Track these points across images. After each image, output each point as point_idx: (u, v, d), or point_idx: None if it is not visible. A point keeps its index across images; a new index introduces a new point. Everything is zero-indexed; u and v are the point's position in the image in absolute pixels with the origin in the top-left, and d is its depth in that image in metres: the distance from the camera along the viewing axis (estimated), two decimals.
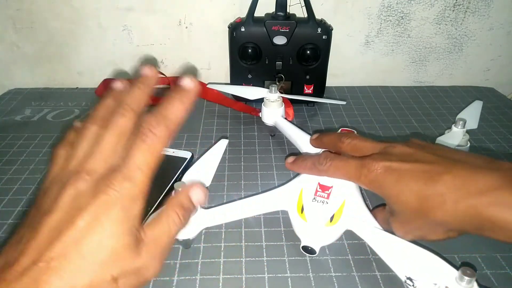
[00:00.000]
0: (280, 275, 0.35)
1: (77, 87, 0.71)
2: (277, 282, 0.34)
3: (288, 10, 0.59)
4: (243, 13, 0.59)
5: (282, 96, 0.55)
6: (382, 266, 0.36)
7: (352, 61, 0.72)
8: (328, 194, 0.37)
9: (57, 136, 0.56)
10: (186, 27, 0.68)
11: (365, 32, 0.70)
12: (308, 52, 0.59)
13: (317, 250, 0.35)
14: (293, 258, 0.37)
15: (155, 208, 0.41)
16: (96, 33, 0.68)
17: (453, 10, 0.68)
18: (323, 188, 0.37)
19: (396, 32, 0.70)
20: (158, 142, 0.25)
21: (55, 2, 0.65)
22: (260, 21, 0.58)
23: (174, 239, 0.27)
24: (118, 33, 0.68)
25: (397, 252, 0.32)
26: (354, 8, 0.67)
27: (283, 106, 0.54)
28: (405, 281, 0.30)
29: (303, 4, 0.58)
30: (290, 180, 0.43)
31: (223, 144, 0.46)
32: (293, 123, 0.52)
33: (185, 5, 0.66)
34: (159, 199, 0.42)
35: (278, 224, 0.41)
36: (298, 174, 0.41)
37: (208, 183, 0.41)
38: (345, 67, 0.73)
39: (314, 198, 0.37)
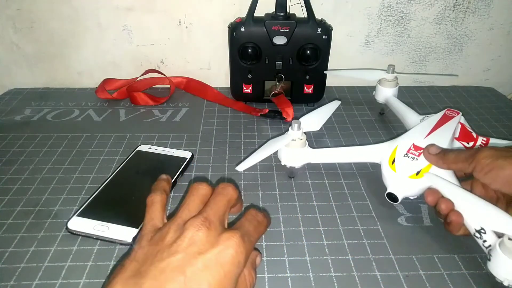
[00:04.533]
0: (280, 275, 0.35)
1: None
2: (277, 282, 0.34)
3: (288, 10, 0.59)
4: (243, 13, 0.59)
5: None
6: (382, 266, 0.36)
7: (352, 61, 0.72)
8: (420, 153, 0.42)
9: (57, 136, 0.56)
10: (186, 27, 0.68)
11: (365, 32, 0.70)
12: (308, 52, 0.59)
13: (400, 198, 0.40)
14: (293, 258, 0.37)
15: None
16: (96, 33, 0.68)
17: (453, 10, 0.68)
18: (416, 148, 0.43)
19: (396, 32, 0.70)
20: (264, 226, 0.30)
21: (55, 2, 0.65)
22: (260, 21, 0.58)
23: None
24: (118, 33, 0.68)
25: (474, 208, 0.35)
26: (354, 8, 0.67)
27: (398, 86, 0.60)
28: (474, 234, 0.34)
29: (303, 4, 0.58)
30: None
31: (335, 103, 0.56)
32: (402, 102, 0.57)
33: (185, 5, 0.66)
34: None
35: (278, 224, 0.41)
36: (393, 138, 0.47)
37: (317, 128, 0.51)
38: (345, 67, 0.72)
39: (406, 154, 0.43)
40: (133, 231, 0.38)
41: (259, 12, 0.58)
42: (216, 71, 0.73)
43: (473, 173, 0.37)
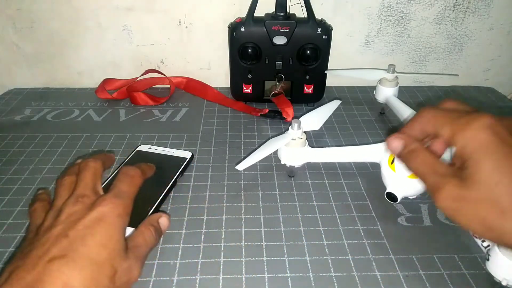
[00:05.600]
0: (280, 275, 0.35)
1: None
2: (277, 282, 0.34)
3: (288, 10, 0.59)
4: (243, 13, 0.59)
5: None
6: (382, 266, 0.36)
7: (352, 61, 0.72)
8: None
9: (57, 136, 0.56)
10: (186, 27, 0.68)
11: (365, 32, 0.70)
12: (308, 52, 0.59)
13: (399, 198, 0.40)
14: (293, 258, 0.37)
15: (155, 206, 0.41)
16: (96, 33, 0.68)
17: (453, 10, 0.68)
18: None
19: (396, 32, 0.70)
20: (139, 176, 0.34)
21: (55, 2, 0.65)
22: (260, 21, 0.58)
23: (151, 249, 0.33)
24: (118, 33, 0.68)
25: None
26: (354, 8, 0.67)
27: (398, 86, 0.60)
28: (473, 234, 0.35)
29: (303, 4, 0.58)
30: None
31: (335, 103, 0.57)
32: (402, 101, 0.57)
33: (185, 5, 0.66)
34: (160, 198, 0.42)
35: (278, 224, 0.41)
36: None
37: (317, 127, 0.51)
38: (345, 67, 0.72)
39: None
40: (133, 231, 0.38)
41: (259, 12, 0.58)
42: (216, 71, 0.73)
43: None
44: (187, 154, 0.50)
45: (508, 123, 0.26)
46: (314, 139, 0.55)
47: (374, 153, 0.46)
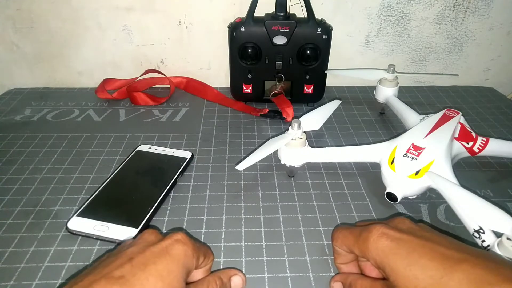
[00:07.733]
0: (280, 275, 0.35)
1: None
2: (277, 282, 0.34)
3: (288, 10, 0.59)
4: (243, 13, 0.59)
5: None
6: None
7: (352, 61, 0.72)
8: (419, 153, 0.42)
9: (57, 136, 0.56)
10: (186, 27, 0.68)
11: (365, 32, 0.70)
12: (308, 52, 0.59)
13: (399, 198, 0.41)
14: (293, 258, 0.37)
15: (155, 206, 0.41)
16: (96, 33, 0.68)
17: (453, 10, 0.68)
18: (416, 148, 0.43)
19: (396, 32, 0.70)
20: (211, 261, 0.32)
21: (55, 2, 0.65)
22: (260, 21, 0.58)
23: None
24: (118, 33, 0.68)
25: (473, 207, 0.35)
26: (354, 8, 0.67)
27: (398, 86, 0.60)
28: (473, 234, 0.34)
29: (303, 4, 0.58)
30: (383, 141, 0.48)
31: (335, 103, 0.56)
32: (402, 101, 0.57)
33: (185, 5, 0.66)
34: (160, 198, 0.42)
35: (278, 224, 0.41)
36: (393, 137, 0.47)
37: (317, 127, 0.51)
38: (345, 67, 0.73)
39: (406, 154, 0.43)
40: (133, 231, 0.38)
41: (259, 12, 0.58)
42: (216, 71, 0.73)
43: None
44: (187, 154, 0.50)
45: (393, 224, 0.30)
46: (314, 139, 0.55)
47: (374, 153, 0.46)
